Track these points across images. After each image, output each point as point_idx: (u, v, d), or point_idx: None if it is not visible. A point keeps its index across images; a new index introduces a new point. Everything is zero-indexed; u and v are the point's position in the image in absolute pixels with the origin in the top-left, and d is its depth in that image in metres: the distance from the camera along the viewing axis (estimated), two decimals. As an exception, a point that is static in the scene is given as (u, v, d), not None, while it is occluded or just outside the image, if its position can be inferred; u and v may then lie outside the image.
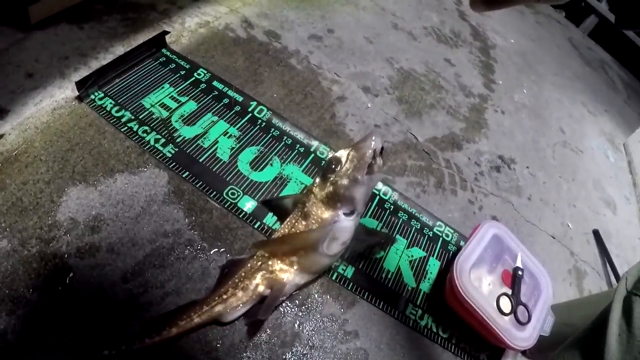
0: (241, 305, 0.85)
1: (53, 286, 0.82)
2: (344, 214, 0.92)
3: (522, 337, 0.97)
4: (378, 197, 1.16)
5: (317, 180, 0.95)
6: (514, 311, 0.98)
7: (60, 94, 1.07)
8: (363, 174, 0.90)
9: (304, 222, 0.92)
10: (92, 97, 1.08)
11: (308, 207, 0.93)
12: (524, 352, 1.10)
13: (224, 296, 0.84)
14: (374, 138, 0.93)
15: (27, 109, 1.02)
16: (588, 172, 1.76)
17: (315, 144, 1.20)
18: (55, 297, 0.81)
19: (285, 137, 1.18)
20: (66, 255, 0.86)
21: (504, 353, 1.05)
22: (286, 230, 0.93)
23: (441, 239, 1.17)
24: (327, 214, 0.91)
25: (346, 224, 0.93)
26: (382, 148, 0.94)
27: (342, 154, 0.93)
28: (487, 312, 0.96)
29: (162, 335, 0.79)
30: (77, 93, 1.07)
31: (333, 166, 0.93)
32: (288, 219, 0.95)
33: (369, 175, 0.91)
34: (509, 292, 1.02)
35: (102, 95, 1.09)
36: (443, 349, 1.01)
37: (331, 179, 0.92)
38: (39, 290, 0.81)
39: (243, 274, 0.87)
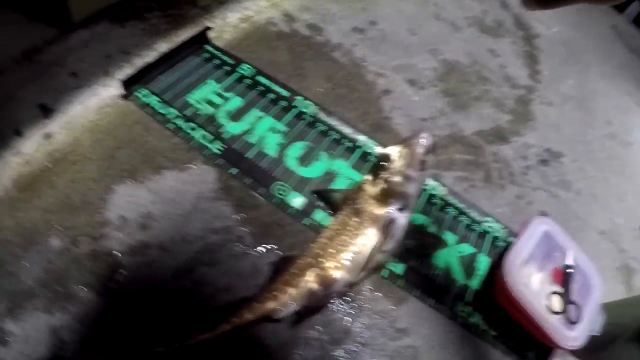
0: (292, 301, 0.85)
1: (105, 284, 0.83)
2: (397, 210, 0.91)
3: (573, 337, 0.95)
4: (426, 192, 1.14)
5: (368, 177, 0.94)
6: (564, 310, 0.96)
7: (105, 92, 1.07)
8: (415, 170, 0.90)
9: (356, 219, 0.91)
10: (137, 94, 1.09)
11: (359, 204, 0.92)
12: (572, 351, 1.08)
13: (275, 292, 0.84)
14: (425, 134, 0.92)
15: (73, 107, 1.03)
16: (637, 165, 1.69)
17: (362, 138, 1.18)
18: (107, 295, 0.82)
19: (332, 132, 1.17)
20: (117, 253, 0.87)
21: (552, 352, 1.03)
22: (337, 226, 0.92)
23: (490, 234, 1.15)
24: (380, 211, 0.91)
25: (400, 221, 0.92)
26: (434, 145, 0.93)
27: (393, 150, 0.93)
28: (536, 310, 0.93)
29: (214, 331, 0.79)
30: (122, 91, 1.07)
31: (384, 163, 0.92)
32: (338, 216, 0.94)
33: (421, 172, 0.91)
34: (560, 290, 0.99)
35: (147, 92, 1.10)
36: (492, 348, 0.99)
37: (383, 176, 0.91)
38: (91, 287, 0.82)
39: (294, 271, 0.87)
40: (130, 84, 1.08)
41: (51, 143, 0.98)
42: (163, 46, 1.21)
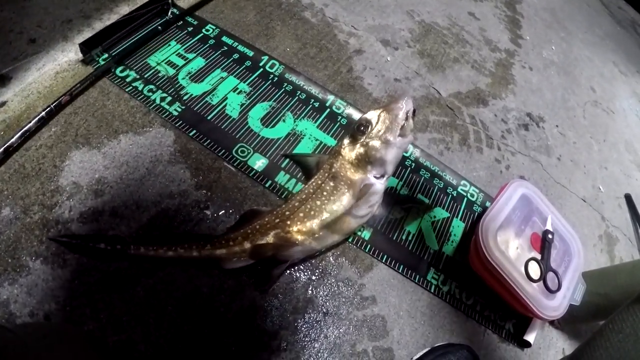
0: (244, 256, 0.77)
1: (55, 253, 0.73)
2: (375, 176, 0.81)
3: (552, 306, 0.85)
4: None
5: (346, 141, 0.84)
6: (543, 278, 0.86)
7: (63, 58, 0.98)
8: (395, 136, 0.80)
9: (331, 183, 0.81)
10: (96, 58, 0.98)
11: (336, 168, 0.82)
12: (551, 322, 0.98)
13: (231, 242, 0.76)
14: (405, 99, 0.82)
15: (30, 74, 0.94)
16: (620, 134, 1.59)
17: (331, 98, 1.07)
18: (58, 265, 0.73)
19: (299, 92, 1.06)
20: (69, 221, 0.77)
21: (531, 322, 0.93)
22: (311, 190, 0.82)
23: (466, 198, 1.04)
24: (357, 176, 0.81)
25: (377, 187, 0.82)
26: (414, 110, 0.82)
27: (373, 115, 0.82)
28: (514, 278, 0.84)
29: (157, 251, 0.74)
30: (80, 56, 0.97)
31: (363, 128, 0.81)
32: (313, 179, 0.84)
33: (401, 138, 0.80)
34: (538, 257, 0.89)
35: (107, 56, 0.99)
36: (467, 317, 0.90)
37: (362, 140, 0.81)
38: (42, 258, 0.72)
39: (257, 226, 0.78)
40: (88, 47, 0.97)
41: (5, 111, 0.87)
42: (125, 9, 1.09)
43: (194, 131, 0.93)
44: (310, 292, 0.81)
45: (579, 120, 1.48)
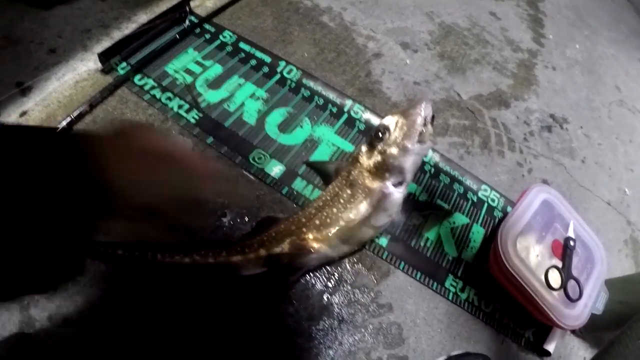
0: (260, 263, 0.76)
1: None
2: (393, 184, 0.80)
3: (572, 315, 0.83)
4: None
5: (363, 148, 0.83)
6: (563, 286, 0.84)
7: (82, 67, 0.99)
8: (414, 142, 0.78)
9: (349, 191, 0.80)
10: (115, 67, 0.99)
11: (354, 176, 0.81)
12: (573, 331, 0.96)
13: (246, 249, 0.76)
14: (424, 105, 0.80)
15: (50, 84, 0.95)
16: (647, 133, 1.54)
17: (349, 103, 1.06)
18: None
19: (317, 97, 1.05)
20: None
21: (551, 331, 0.91)
22: (328, 197, 0.81)
23: (486, 204, 1.02)
24: (375, 184, 0.80)
25: (396, 196, 0.81)
26: (433, 116, 0.81)
27: (391, 121, 0.81)
28: (533, 286, 0.82)
29: (174, 258, 0.73)
30: (99, 65, 0.98)
31: (381, 134, 0.80)
32: (330, 186, 0.83)
33: (420, 144, 0.79)
34: (559, 264, 0.87)
35: (125, 65, 1.00)
36: (485, 325, 0.88)
37: (379, 147, 0.80)
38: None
39: (273, 234, 0.78)
40: (107, 57, 0.98)
41: (26, 120, 0.89)
42: (143, 17, 1.11)
43: (212, 138, 0.93)
44: (325, 299, 0.80)
45: (604, 120, 1.44)
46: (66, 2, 1.07)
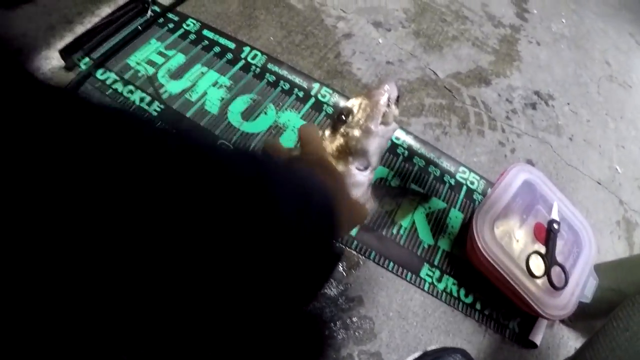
0: None
1: None
2: (357, 169, 0.74)
3: (557, 305, 0.76)
4: (389, 141, 0.95)
5: (326, 132, 0.76)
6: (547, 273, 0.77)
7: (47, 66, 0.94)
8: (377, 124, 0.71)
9: None
10: (78, 63, 0.94)
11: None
12: (562, 320, 0.89)
13: None
14: (387, 85, 0.73)
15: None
16: (638, 109, 1.46)
17: (316, 86, 1.00)
18: None
19: (282, 82, 0.99)
20: None
21: (537, 321, 0.84)
22: None
23: (465, 186, 0.96)
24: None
25: (359, 178, 0.74)
26: (398, 96, 0.74)
27: (354, 103, 0.74)
28: (514, 274, 0.75)
29: None
30: (63, 62, 0.93)
31: (343, 117, 0.73)
32: None
33: (384, 126, 0.72)
34: (542, 250, 0.80)
35: (88, 60, 0.95)
36: (465, 316, 0.81)
37: (342, 130, 0.73)
38: None
39: None
40: (69, 53, 0.93)
41: None
42: (107, 11, 1.05)
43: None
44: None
45: (593, 96, 1.37)
46: (31, 0, 1.02)
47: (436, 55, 1.19)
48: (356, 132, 0.72)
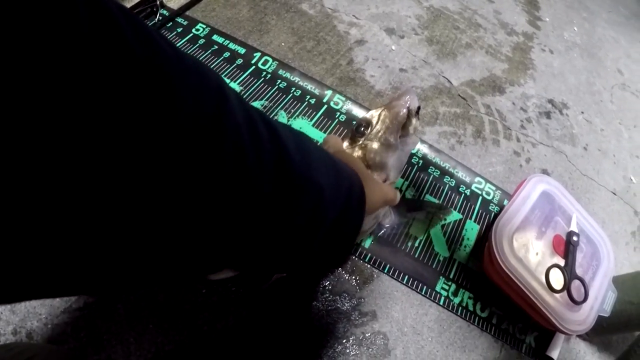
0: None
1: None
2: None
3: (577, 320, 0.72)
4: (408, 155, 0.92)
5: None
6: (567, 287, 0.73)
7: None
8: (396, 136, 0.68)
9: None
10: None
11: None
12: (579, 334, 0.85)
13: None
14: (408, 96, 0.70)
15: None
16: (652, 118, 1.43)
17: (328, 93, 0.96)
18: None
19: (294, 89, 0.95)
20: None
21: (555, 336, 0.80)
22: None
23: (481, 197, 0.92)
24: None
25: None
26: (419, 107, 0.71)
27: (373, 114, 0.71)
28: (533, 288, 0.71)
29: None
30: None
31: (362, 128, 0.70)
32: None
33: (404, 138, 0.69)
34: (562, 263, 0.76)
35: None
36: (481, 331, 0.78)
37: (360, 142, 0.69)
38: None
39: None
40: None
41: None
42: None
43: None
44: (302, 307, 0.71)
45: (606, 105, 1.33)
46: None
47: (450, 62, 1.16)
48: (375, 145, 0.68)
